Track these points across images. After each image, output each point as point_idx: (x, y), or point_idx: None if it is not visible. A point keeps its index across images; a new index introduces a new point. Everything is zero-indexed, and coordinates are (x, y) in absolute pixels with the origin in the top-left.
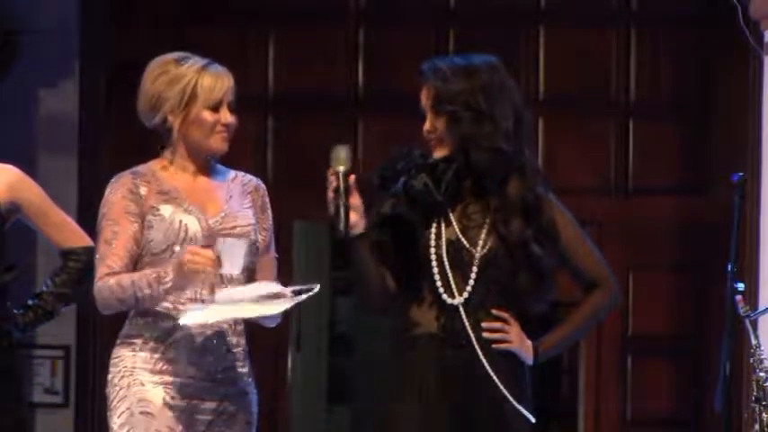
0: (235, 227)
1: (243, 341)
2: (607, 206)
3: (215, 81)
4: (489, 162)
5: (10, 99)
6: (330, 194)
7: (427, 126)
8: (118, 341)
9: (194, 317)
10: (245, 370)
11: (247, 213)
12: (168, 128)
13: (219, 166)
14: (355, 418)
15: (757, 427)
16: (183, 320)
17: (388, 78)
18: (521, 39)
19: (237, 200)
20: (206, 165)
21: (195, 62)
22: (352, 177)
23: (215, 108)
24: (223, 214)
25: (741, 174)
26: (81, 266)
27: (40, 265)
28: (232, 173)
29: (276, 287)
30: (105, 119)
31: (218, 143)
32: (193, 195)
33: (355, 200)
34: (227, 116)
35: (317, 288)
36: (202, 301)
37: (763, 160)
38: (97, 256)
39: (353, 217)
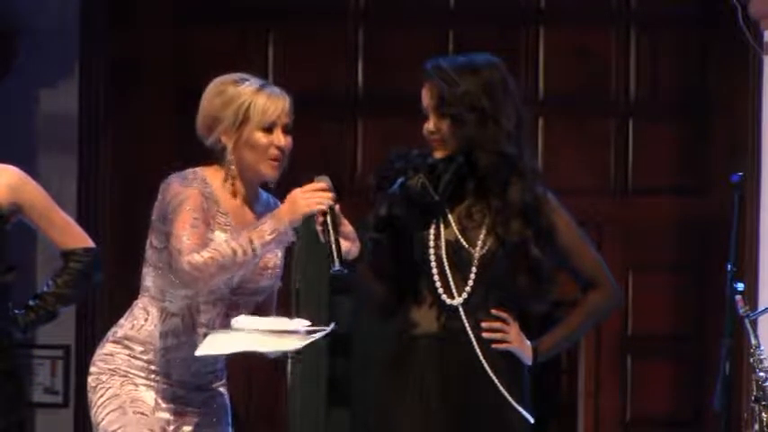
0: (266, 268)
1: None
2: (607, 206)
3: (269, 102)
4: (493, 164)
5: (10, 99)
6: (318, 228)
7: (430, 126)
8: (112, 338)
9: (210, 347)
10: (223, 379)
11: (277, 253)
12: (222, 148)
13: (262, 193)
14: (355, 419)
15: (757, 426)
16: (198, 352)
17: (388, 78)
18: (521, 39)
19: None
20: (254, 191)
21: (252, 83)
22: (338, 207)
23: (268, 129)
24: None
25: (741, 174)
26: (82, 267)
27: (39, 265)
28: (267, 200)
29: (290, 324)
30: (105, 119)
31: (269, 170)
32: (241, 223)
33: (345, 227)
34: (280, 138)
35: (331, 326)
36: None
37: (763, 160)
38: (179, 237)
39: (346, 245)
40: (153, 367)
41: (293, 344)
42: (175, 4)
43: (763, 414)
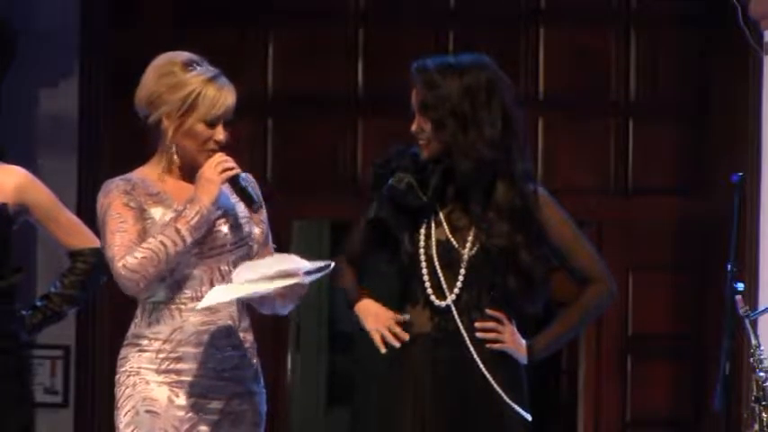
0: (218, 220)
1: (250, 337)
2: (607, 206)
3: (218, 97)
4: (472, 170)
5: (10, 99)
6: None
7: (414, 127)
8: (125, 341)
9: (210, 299)
10: (253, 369)
11: (239, 207)
12: (162, 130)
13: None
14: (355, 418)
15: (757, 426)
16: (200, 305)
17: (388, 78)
18: (521, 39)
19: (227, 195)
20: (194, 168)
21: (203, 72)
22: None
23: (212, 123)
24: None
25: (741, 174)
26: (89, 267)
27: (40, 266)
28: None
29: (288, 263)
30: (105, 119)
31: (205, 160)
32: (182, 196)
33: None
34: (220, 134)
35: (331, 266)
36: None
37: (763, 160)
38: (110, 246)
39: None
40: (162, 355)
41: (293, 281)
42: (175, 4)
43: (763, 414)
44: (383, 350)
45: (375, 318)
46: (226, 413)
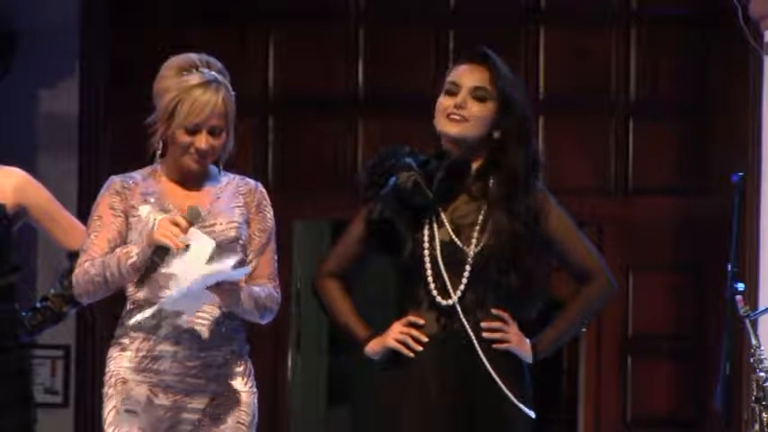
0: (213, 224)
1: (239, 336)
2: (607, 206)
3: (196, 105)
4: (522, 161)
5: (10, 99)
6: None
7: (464, 103)
8: (112, 341)
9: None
10: (240, 369)
11: (233, 213)
12: (156, 130)
13: (216, 172)
14: (355, 418)
15: (757, 426)
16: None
17: (388, 78)
18: (521, 39)
19: (225, 201)
20: (194, 172)
21: (190, 78)
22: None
23: (192, 131)
24: (203, 214)
25: (741, 174)
26: None
27: (39, 266)
28: (228, 178)
29: (217, 267)
30: (105, 119)
31: (190, 163)
32: (175, 197)
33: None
34: (201, 142)
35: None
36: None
37: (763, 160)
38: (82, 248)
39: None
40: (142, 354)
41: (222, 277)
42: (175, 4)
43: (764, 414)
44: (411, 355)
45: (389, 333)
46: (207, 413)
